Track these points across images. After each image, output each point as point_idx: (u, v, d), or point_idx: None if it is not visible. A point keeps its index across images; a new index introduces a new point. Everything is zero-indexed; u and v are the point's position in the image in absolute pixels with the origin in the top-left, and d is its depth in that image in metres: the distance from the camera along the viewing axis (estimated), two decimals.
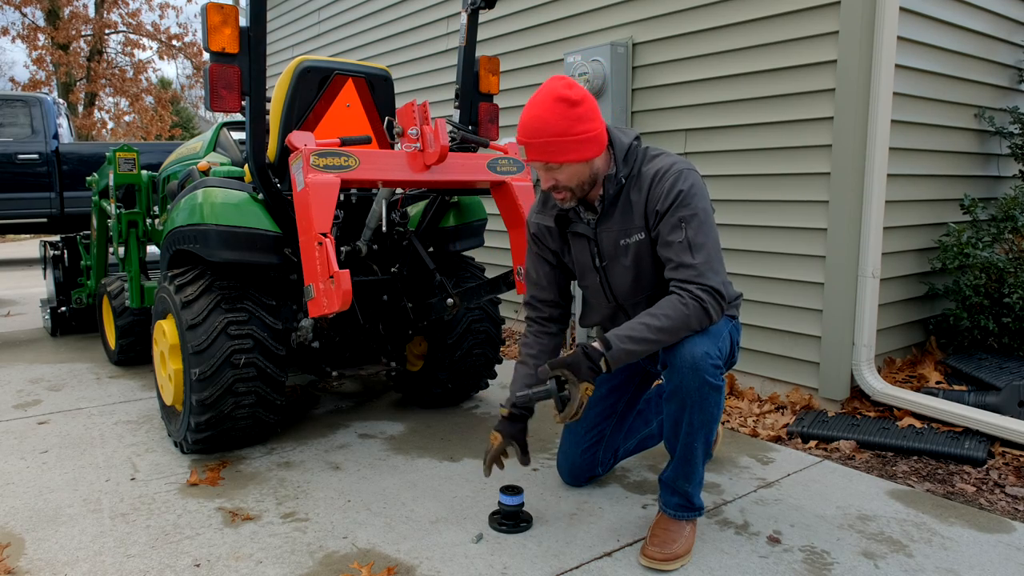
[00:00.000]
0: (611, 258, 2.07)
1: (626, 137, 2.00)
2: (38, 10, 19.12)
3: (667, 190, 1.91)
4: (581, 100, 1.85)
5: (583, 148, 1.87)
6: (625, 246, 2.02)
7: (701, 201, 1.91)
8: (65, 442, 2.90)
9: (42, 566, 1.97)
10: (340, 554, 2.03)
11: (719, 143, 3.58)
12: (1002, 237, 3.47)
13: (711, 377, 1.88)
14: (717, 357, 1.90)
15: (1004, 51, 3.78)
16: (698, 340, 1.89)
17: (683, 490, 2.01)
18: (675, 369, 1.90)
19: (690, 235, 1.88)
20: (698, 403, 1.90)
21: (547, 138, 1.86)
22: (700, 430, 1.94)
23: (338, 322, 2.99)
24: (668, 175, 1.92)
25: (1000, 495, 2.46)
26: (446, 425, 3.12)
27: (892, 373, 3.39)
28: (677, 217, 1.89)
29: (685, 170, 1.93)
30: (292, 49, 7.55)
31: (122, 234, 3.84)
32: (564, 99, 1.84)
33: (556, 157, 1.88)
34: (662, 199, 1.91)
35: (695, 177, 1.94)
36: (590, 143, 1.88)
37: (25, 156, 8.20)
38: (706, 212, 1.92)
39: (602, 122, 1.93)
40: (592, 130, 1.87)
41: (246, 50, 2.45)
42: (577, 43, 4.28)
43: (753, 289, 3.48)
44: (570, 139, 1.85)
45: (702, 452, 1.97)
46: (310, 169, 2.27)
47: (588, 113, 1.87)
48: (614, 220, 2.02)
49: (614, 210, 2.02)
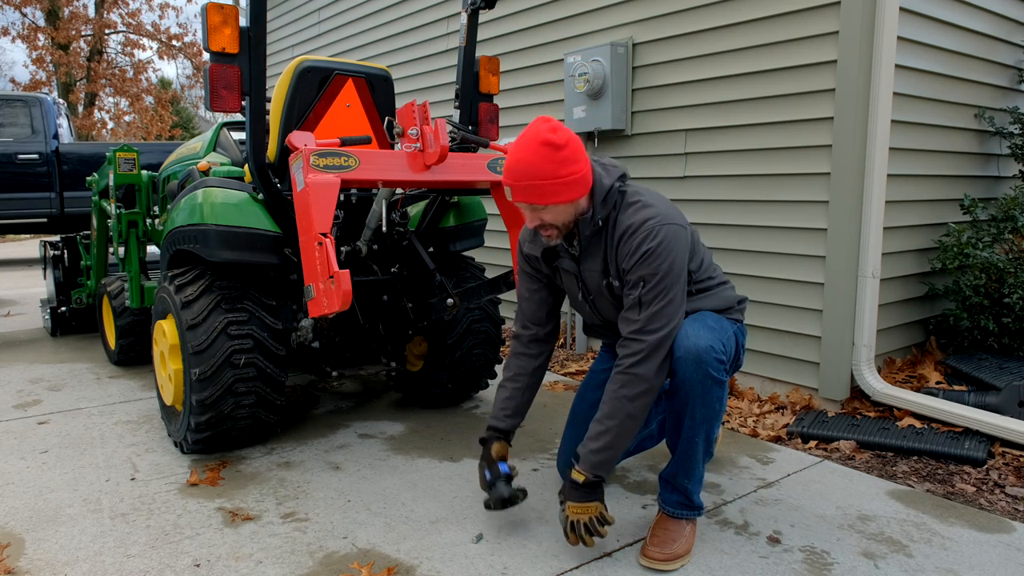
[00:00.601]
0: (596, 293, 2.11)
1: (608, 179, 1.99)
2: (38, 10, 19.12)
3: (633, 249, 1.92)
4: (565, 144, 1.87)
5: (568, 190, 1.90)
6: (609, 285, 2.05)
7: (666, 258, 1.89)
8: (65, 442, 2.90)
9: (42, 566, 1.97)
10: (340, 554, 2.04)
11: (719, 143, 3.58)
12: (1002, 237, 3.47)
13: (714, 371, 1.89)
14: (721, 352, 1.91)
15: (1004, 51, 3.78)
16: (703, 333, 1.90)
17: (683, 487, 2.01)
18: (679, 361, 1.91)
19: (642, 294, 1.90)
20: (700, 396, 1.91)
21: (533, 181, 1.88)
22: (702, 425, 1.94)
23: (338, 322, 2.99)
24: (638, 233, 1.92)
25: (1000, 495, 2.46)
26: (446, 425, 3.12)
27: (892, 373, 3.39)
28: (637, 276, 1.91)
29: (657, 226, 1.91)
30: (292, 49, 7.55)
31: (122, 234, 3.84)
32: (549, 143, 1.86)
33: (542, 199, 1.90)
34: (628, 257, 1.93)
35: (667, 232, 1.91)
36: (575, 185, 1.90)
37: (25, 156, 8.20)
38: (667, 272, 1.90)
39: (586, 162, 1.94)
40: (577, 172, 1.89)
41: (246, 50, 2.45)
42: (577, 43, 4.28)
43: (753, 289, 3.48)
44: (556, 182, 1.88)
45: (703, 448, 1.97)
46: (310, 169, 2.27)
47: (572, 155, 1.89)
48: (596, 260, 2.04)
49: (597, 249, 2.04)
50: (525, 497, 2.14)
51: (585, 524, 1.95)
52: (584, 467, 1.95)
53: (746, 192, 3.48)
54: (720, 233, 3.61)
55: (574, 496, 1.96)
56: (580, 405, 2.40)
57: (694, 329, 1.92)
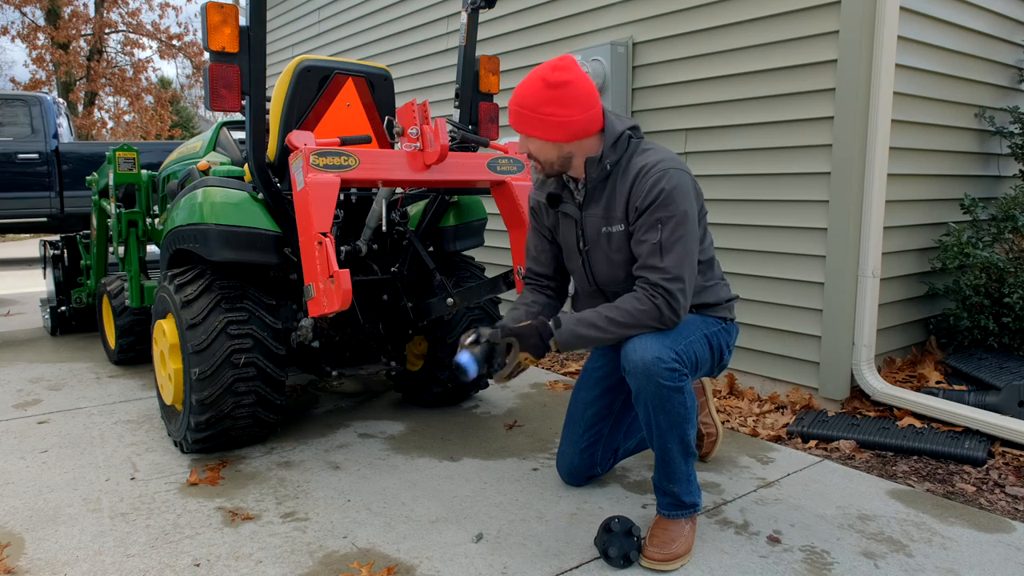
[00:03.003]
0: (593, 243, 2.08)
1: (620, 125, 2.00)
2: (38, 9, 19.11)
3: (648, 187, 1.90)
4: (561, 84, 1.88)
5: (548, 130, 1.93)
6: (607, 234, 2.03)
7: (683, 203, 1.89)
8: (65, 441, 2.90)
9: (42, 566, 1.97)
10: (340, 554, 2.03)
11: (719, 143, 3.57)
12: (1002, 237, 3.47)
13: (666, 380, 1.87)
14: (672, 360, 1.88)
15: (1004, 51, 3.78)
16: (650, 343, 1.89)
17: (669, 490, 2.02)
18: (629, 374, 1.92)
19: (664, 237, 1.88)
20: (659, 406, 1.91)
21: (519, 109, 1.94)
22: (669, 431, 1.94)
23: (338, 322, 2.99)
24: (652, 172, 1.91)
25: (1000, 495, 2.46)
26: (446, 425, 3.12)
27: (892, 373, 3.39)
28: (655, 217, 1.89)
29: (672, 169, 1.91)
30: (292, 49, 7.55)
31: (122, 233, 3.84)
32: (545, 80, 1.89)
33: (523, 129, 1.96)
34: (643, 196, 1.91)
35: (681, 177, 1.91)
36: (556, 127, 1.92)
37: (25, 155, 8.20)
38: (686, 215, 1.89)
39: (581, 113, 1.92)
40: (560, 115, 1.90)
41: (246, 49, 2.45)
42: (577, 43, 4.28)
43: (753, 289, 3.48)
44: (536, 116, 1.92)
45: (678, 452, 1.97)
46: (310, 168, 2.27)
47: (563, 99, 1.89)
48: (599, 207, 2.03)
49: (600, 196, 2.03)
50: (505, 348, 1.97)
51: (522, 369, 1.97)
52: (563, 341, 1.93)
53: (746, 191, 3.48)
54: (720, 233, 3.61)
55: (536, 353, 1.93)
56: (575, 404, 2.39)
57: (641, 340, 1.91)
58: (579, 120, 1.93)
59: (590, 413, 2.35)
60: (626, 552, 1.95)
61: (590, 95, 1.93)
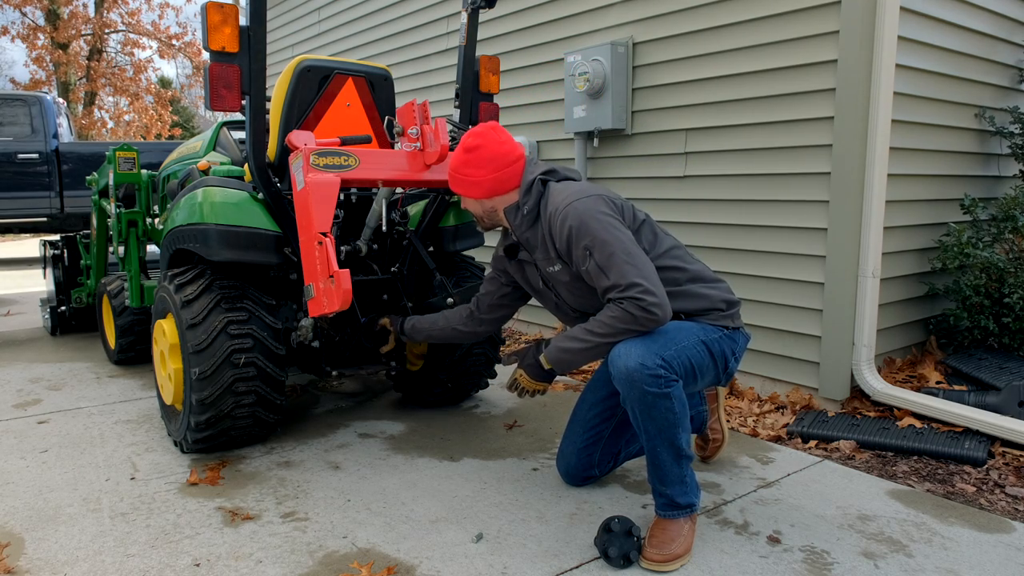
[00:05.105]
0: (554, 280, 2.23)
1: (531, 173, 2.19)
2: (38, 10, 19.11)
3: (559, 229, 2.07)
4: (473, 148, 2.16)
5: (468, 188, 2.20)
6: (555, 272, 2.17)
7: (593, 226, 2.00)
8: (65, 441, 2.90)
9: (42, 565, 1.97)
10: (340, 554, 2.03)
11: (719, 143, 3.57)
12: (1002, 237, 3.47)
13: (650, 387, 1.89)
14: (657, 366, 1.89)
15: (1004, 51, 3.78)
16: (635, 349, 1.91)
17: (663, 492, 2.03)
18: (615, 380, 1.97)
19: (598, 260, 1.98)
20: (646, 412, 1.93)
21: (450, 172, 2.24)
22: (658, 436, 1.96)
23: (338, 321, 2.99)
24: (558, 215, 2.07)
25: (1000, 495, 2.46)
26: (446, 425, 3.12)
27: (892, 373, 3.39)
28: (580, 249, 2.02)
29: (572, 203, 2.05)
30: (292, 49, 7.55)
31: (122, 233, 3.84)
32: (463, 145, 2.19)
33: (453, 188, 2.25)
34: (560, 238, 2.07)
35: (583, 206, 2.03)
36: (472, 186, 2.19)
37: (25, 155, 8.19)
38: (599, 233, 1.99)
39: (493, 172, 2.16)
40: (472, 176, 2.17)
41: (246, 49, 2.44)
42: (577, 43, 4.28)
43: (753, 289, 3.48)
44: (458, 177, 2.21)
45: (669, 455, 1.98)
46: (310, 168, 2.27)
47: (475, 160, 2.16)
48: (539, 251, 2.19)
49: (536, 241, 2.19)
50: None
51: (528, 391, 2.21)
52: (551, 357, 2.11)
53: (746, 191, 3.48)
54: (720, 232, 3.61)
55: (531, 372, 2.17)
56: (580, 404, 2.41)
57: (626, 347, 1.93)
58: (491, 179, 2.16)
59: (593, 413, 2.36)
60: (626, 552, 1.95)
61: (503, 156, 2.16)
